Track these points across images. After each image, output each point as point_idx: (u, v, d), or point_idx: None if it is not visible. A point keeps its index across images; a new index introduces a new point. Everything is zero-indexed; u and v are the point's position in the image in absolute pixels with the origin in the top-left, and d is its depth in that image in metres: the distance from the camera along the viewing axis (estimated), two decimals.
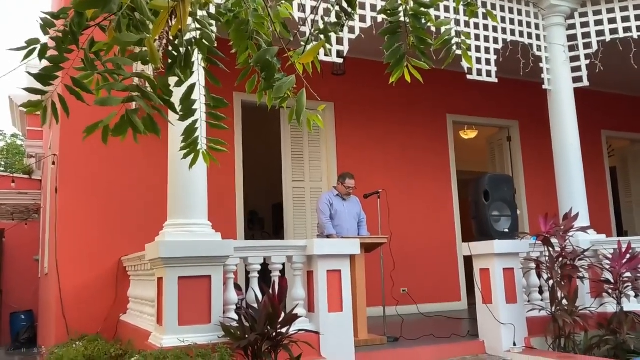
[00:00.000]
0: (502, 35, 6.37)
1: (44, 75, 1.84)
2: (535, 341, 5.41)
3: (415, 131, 8.95)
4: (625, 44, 6.52)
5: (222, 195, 7.25)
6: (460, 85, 8.21)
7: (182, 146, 1.97)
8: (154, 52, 1.69)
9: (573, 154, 6.48)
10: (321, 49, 4.85)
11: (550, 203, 6.89)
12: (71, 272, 6.40)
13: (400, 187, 8.51)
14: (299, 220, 7.97)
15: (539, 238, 5.47)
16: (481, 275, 5.56)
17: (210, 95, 1.90)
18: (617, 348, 5.13)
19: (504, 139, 9.97)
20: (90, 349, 4.87)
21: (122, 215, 6.70)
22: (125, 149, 6.39)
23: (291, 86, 1.86)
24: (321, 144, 8.32)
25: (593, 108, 9.86)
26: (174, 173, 4.56)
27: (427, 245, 8.61)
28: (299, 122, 1.87)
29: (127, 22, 1.86)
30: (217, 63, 1.93)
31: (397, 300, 6.93)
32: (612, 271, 5.43)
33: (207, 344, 4.00)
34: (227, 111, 7.39)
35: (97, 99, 1.70)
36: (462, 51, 2.41)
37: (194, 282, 4.29)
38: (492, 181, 5.83)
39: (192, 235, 4.38)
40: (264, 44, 1.90)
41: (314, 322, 4.66)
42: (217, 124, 1.98)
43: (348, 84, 8.40)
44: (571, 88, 6.59)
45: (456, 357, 5.19)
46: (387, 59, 2.07)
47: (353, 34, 5.47)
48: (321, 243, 4.81)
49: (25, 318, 11.97)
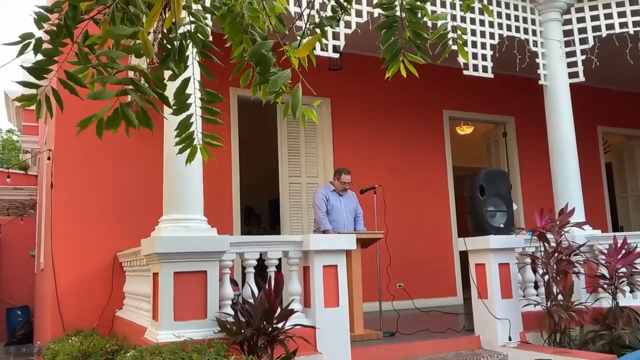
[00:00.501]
0: (498, 30, 6.37)
1: (37, 68, 1.83)
2: (530, 336, 5.43)
3: (412, 127, 8.94)
4: (622, 39, 6.53)
5: (218, 191, 7.25)
6: (456, 81, 8.21)
7: (177, 141, 1.95)
8: (148, 44, 1.68)
9: (569, 149, 6.49)
10: (317, 44, 4.84)
11: (546, 198, 6.90)
12: (67, 267, 6.40)
13: (397, 183, 8.51)
14: (295, 216, 7.97)
15: (535, 233, 5.48)
16: (477, 271, 5.57)
17: (205, 90, 1.89)
18: (612, 343, 5.15)
19: (500, 134, 9.99)
20: (86, 344, 4.86)
21: (117, 211, 6.68)
22: (120, 144, 6.39)
23: (287, 80, 1.85)
24: (317, 140, 8.31)
25: (589, 104, 9.88)
26: (169, 168, 4.55)
27: (423, 240, 8.62)
28: (295, 116, 1.86)
29: (121, 15, 1.85)
30: (212, 57, 1.92)
31: (393, 296, 6.94)
32: (607, 266, 5.45)
33: (203, 339, 3.99)
34: (223, 106, 7.38)
35: (90, 93, 1.69)
36: (458, 46, 2.41)
37: (190, 278, 4.29)
38: (487, 176, 5.83)
39: (187, 230, 4.37)
40: (259, 38, 1.89)
41: (310, 317, 4.66)
42: (212, 119, 1.96)
43: (345, 80, 8.38)
44: (567, 83, 6.59)
45: (452, 352, 5.20)
46: (383, 54, 2.06)
47: (349, 29, 5.46)
48: (317, 238, 4.81)
49: (21, 314, 11.95)
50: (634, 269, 5.47)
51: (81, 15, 1.79)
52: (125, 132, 1.88)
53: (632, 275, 5.40)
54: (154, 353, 3.47)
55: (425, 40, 2.10)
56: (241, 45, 1.90)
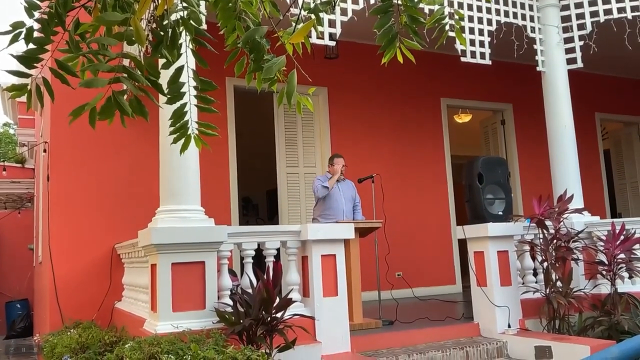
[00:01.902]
0: (496, 16, 6.32)
1: (28, 57, 1.80)
2: (529, 323, 5.44)
3: (410, 115, 8.91)
4: (620, 25, 6.48)
5: (216, 181, 7.23)
6: (454, 69, 8.17)
7: (172, 130, 1.93)
8: (140, 31, 1.65)
9: (567, 136, 6.47)
10: (313, 32, 4.79)
11: (545, 185, 6.89)
12: (65, 259, 6.38)
13: (395, 171, 8.50)
14: (293, 206, 7.95)
15: (533, 220, 5.47)
16: (475, 258, 5.57)
17: (199, 78, 1.86)
18: (611, 329, 5.16)
19: (498, 122, 9.96)
20: (85, 336, 4.85)
21: (115, 202, 6.66)
22: (116, 134, 6.35)
23: (281, 67, 1.82)
24: (315, 129, 8.28)
25: (587, 90, 9.85)
26: (165, 159, 4.52)
27: (421, 229, 8.62)
28: (290, 104, 1.83)
29: (113, 3, 1.82)
30: (205, 44, 1.89)
31: (391, 284, 6.95)
32: (606, 252, 5.45)
33: (202, 330, 3.99)
34: (220, 96, 7.35)
35: (82, 81, 1.66)
36: (455, 32, 2.38)
37: (188, 268, 4.27)
38: (485, 164, 5.81)
39: (184, 221, 4.35)
40: (252, 24, 1.86)
41: (309, 306, 4.66)
42: (206, 107, 1.94)
43: (341, 68, 8.34)
44: (565, 70, 6.55)
45: (451, 340, 5.21)
46: (379, 40, 2.03)
47: (345, 16, 5.41)
48: (315, 228, 4.79)
49: (20, 307, 11.94)
50: (633, 255, 5.47)
51: (72, 3, 1.76)
52: (121, 122, 1.86)
53: (631, 261, 5.39)
54: (152, 344, 3.46)
55: (422, 24, 2.07)
56: (234, 32, 1.87)
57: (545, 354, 4.74)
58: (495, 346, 5.08)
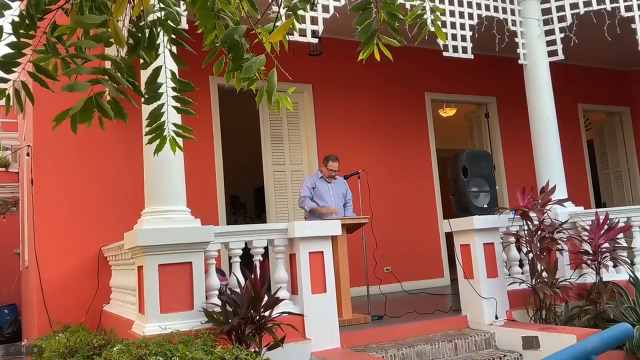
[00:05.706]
0: (477, 10, 6.35)
1: (5, 62, 1.79)
2: (516, 314, 5.49)
3: (395, 110, 8.93)
4: (599, 16, 6.54)
5: (202, 181, 7.20)
6: (437, 63, 8.20)
7: (147, 131, 1.92)
8: (119, 33, 1.65)
9: (550, 127, 6.52)
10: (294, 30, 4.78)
11: (529, 177, 6.94)
12: (51, 263, 6.33)
13: (381, 167, 8.52)
14: (281, 204, 7.95)
15: (518, 212, 5.52)
16: (462, 251, 5.61)
17: (177, 78, 1.85)
18: (597, 317, 5.22)
19: (482, 115, 10.02)
20: (73, 339, 4.82)
21: (100, 204, 6.61)
22: (100, 137, 6.30)
23: (261, 66, 1.82)
24: (300, 126, 8.28)
25: (569, 82, 9.93)
26: (149, 160, 4.50)
27: (408, 223, 8.65)
28: (270, 102, 1.83)
29: (90, 4, 1.80)
30: (183, 44, 1.88)
31: (380, 279, 6.97)
32: (590, 242, 5.51)
33: (190, 331, 3.98)
34: (204, 94, 7.33)
35: (64, 85, 1.65)
36: (435, 27, 2.38)
37: (175, 269, 4.26)
38: (470, 157, 5.85)
39: (170, 222, 4.34)
40: (231, 23, 1.85)
41: (298, 304, 4.67)
42: (184, 109, 1.93)
43: (326, 65, 8.33)
44: (547, 62, 6.60)
45: (440, 332, 5.24)
46: (359, 36, 2.04)
47: (327, 13, 5.41)
48: (302, 225, 4.80)
49: (8, 312, 11.83)
50: (617, 244, 5.54)
51: (46, 5, 1.74)
52: (99, 124, 1.84)
53: (615, 250, 5.46)
54: (140, 346, 3.45)
55: (401, 21, 2.07)
56: (213, 31, 1.86)
57: (533, 344, 4.79)
58: (483, 337, 5.12)
